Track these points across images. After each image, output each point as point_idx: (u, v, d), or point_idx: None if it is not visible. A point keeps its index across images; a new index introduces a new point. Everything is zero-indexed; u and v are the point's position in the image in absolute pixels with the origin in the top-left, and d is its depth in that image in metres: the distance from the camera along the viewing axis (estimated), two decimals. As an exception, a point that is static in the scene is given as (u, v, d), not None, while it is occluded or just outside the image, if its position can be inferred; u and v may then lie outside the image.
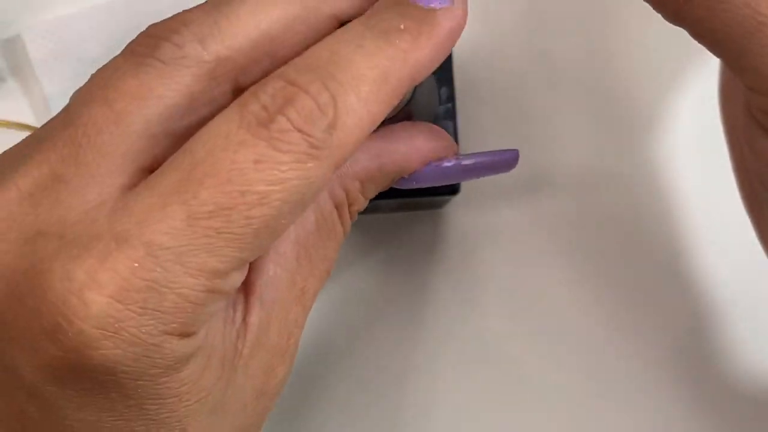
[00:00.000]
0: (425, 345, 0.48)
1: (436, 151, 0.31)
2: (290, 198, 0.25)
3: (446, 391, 0.48)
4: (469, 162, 0.32)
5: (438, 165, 0.31)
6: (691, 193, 0.49)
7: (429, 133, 0.31)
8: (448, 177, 0.31)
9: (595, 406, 0.48)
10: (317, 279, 0.29)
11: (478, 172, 0.31)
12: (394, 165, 0.30)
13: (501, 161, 0.32)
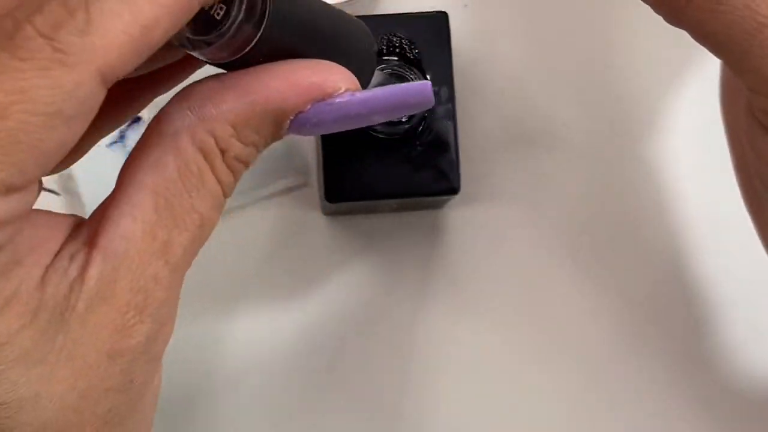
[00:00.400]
0: (425, 344, 0.48)
1: (321, 87, 0.28)
2: (38, 109, 0.23)
3: (446, 390, 0.48)
4: (365, 96, 0.28)
5: (329, 103, 0.28)
6: (691, 193, 0.49)
7: (314, 67, 0.28)
8: (348, 118, 0.28)
9: (594, 405, 0.48)
10: (185, 233, 0.27)
11: (382, 108, 0.28)
12: (268, 103, 0.27)
13: (407, 93, 0.28)
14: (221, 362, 0.48)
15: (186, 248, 0.27)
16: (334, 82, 0.28)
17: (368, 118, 0.29)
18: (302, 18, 0.29)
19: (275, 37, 0.28)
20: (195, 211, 0.27)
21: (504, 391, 0.48)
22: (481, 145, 0.48)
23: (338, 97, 0.28)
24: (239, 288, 0.48)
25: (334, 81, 0.28)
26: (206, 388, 0.47)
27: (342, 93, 0.28)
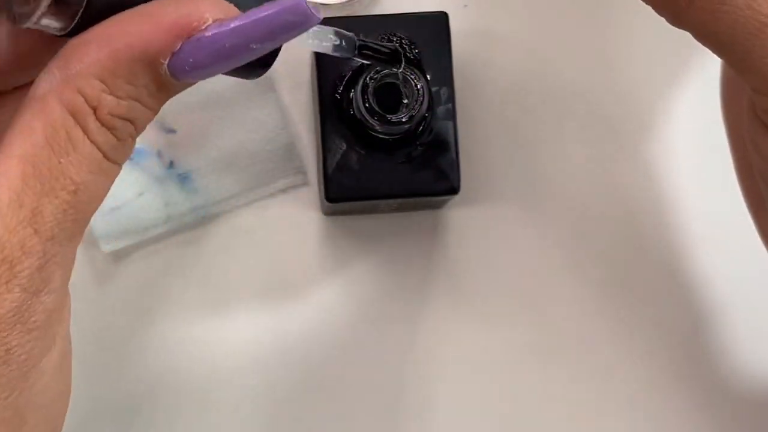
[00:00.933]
0: (424, 344, 0.48)
1: (185, 22, 0.26)
2: None
3: (446, 390, 0.48)
4: (234, 24, 0.26)
5: (199, 38, 0.26)
6: (692, 193, 0.49)
7: (178, 1, 0.26)
8: (225, 51, 0.26)
9: (594, 404, 0.48)
10: (55, 200, 0.26)
11: (258, 34, 0.26)
12: (132, 49, 0.25)
13: (279, 12, 0.26)
14: (220, 362, 0.48)
15: (58, 216, 0.26)
16: (199, 14, 0.26)
17: (249, 48, 0.26)
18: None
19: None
20: (65, 177, 0.26)
21: (504, 390, 0.48)
22: (481, 145, 0.48)
23: (208, 30, 0.26)
24: (239, 288, 0.48)
25: (200, 13, 0.26)
26: (205, 387, 0.47)
27: (210, 25, 0.26)
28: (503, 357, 0.48)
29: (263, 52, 0.26)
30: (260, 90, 0.48)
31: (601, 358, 0.48)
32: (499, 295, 0.48)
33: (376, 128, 0.42)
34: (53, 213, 0.26)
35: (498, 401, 0.48)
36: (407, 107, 0.41)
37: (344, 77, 0.43)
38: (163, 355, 0.47)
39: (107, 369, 0.47)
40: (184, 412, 0.47)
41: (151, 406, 0.47)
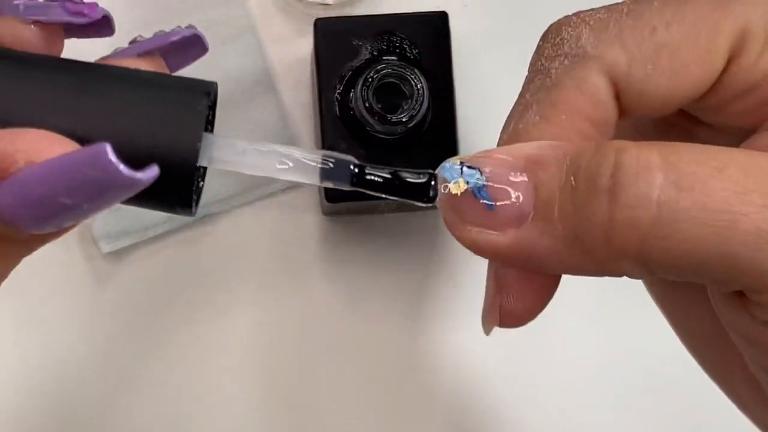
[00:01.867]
0: (424, 344, 0.48)
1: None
2: None
3: (445, 390, 0.48)
4: (34, 170, 0.21)
5: (10, 182, 0.22)
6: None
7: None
8: (35, 202, 0.22)
9: (592, 402, 0.48)
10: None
11: (63, 189, 0.22)
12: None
13: (77, 163, 0.21)
14: (220, 361, 0.48)
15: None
16: (10, 154, 0.22)
17: (60, 203, 0.22)
18: (8, 80, 0.23)
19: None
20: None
21: (504, 391, 0.48)
22: (481, 144, 0.48)
23: (19, 173, 0.22)
24: (239, 288, 0.48)
25: (13, 151, 0.22)
26: (204, 386, 0.47)
27: (23, 168, 0.22)
28: (503, 356, 0.48)
29: (90, 211, 0.22)
30: (260, 90, 0.48)
31: (601, 357, 0.48)
32: (499, 295, 0.48)
33: (376, 128, 0.42)
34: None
35: (499, 401, 0.48)
36: (407, 107, 0.41)
37: (344, 77, 0.43)
38: (163, 354, 0.47)
39: (106, 368, 0.47)
40: (183, 412, 0.47)
41: (149, 406, 0.47)
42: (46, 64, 0.24)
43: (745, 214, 0.24)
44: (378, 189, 0.27)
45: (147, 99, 0.24)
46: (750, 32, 0.27)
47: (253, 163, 0.25)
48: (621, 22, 0.28)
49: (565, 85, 0.27)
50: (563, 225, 0.26)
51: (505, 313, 0.29)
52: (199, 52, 0.27)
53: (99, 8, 0.25)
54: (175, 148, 0.23)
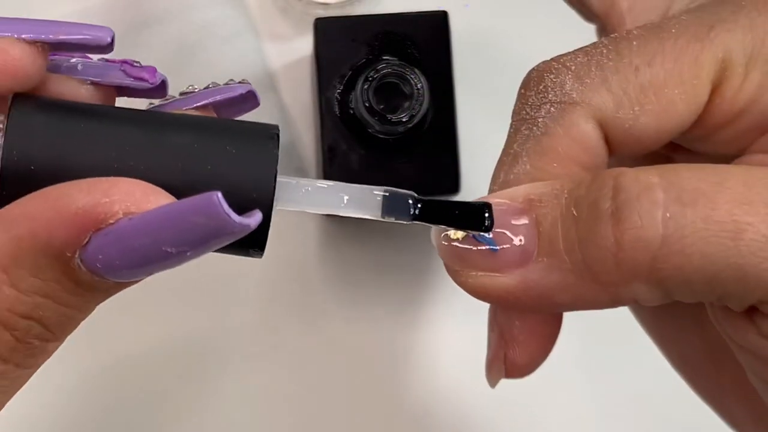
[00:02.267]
0: (424, 344, 0.48)
1: (93, 211, 0.22)
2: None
3: (445, 390, 0.48)
4: (139, 221, 0.22)
5: (107, 233, 0.22)
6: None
7: (89, 187, 0.22)
8: (136, 252, 0.22)
9: (596, 404, 0.48)
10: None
11: (168, 238, 0.22)
12: (35, 238, 0.22)
13: (186, 212, 0.22)
14: (219, 361, 0.48)
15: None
16: (107, 204, 0.22)
17: (164, 252, 0.22)
18: (77, 128, 0.24)
19: (36, 158, 0.23)
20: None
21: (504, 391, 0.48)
22: (481, 144, 0.48)
23: (117, 225, 0.22)
24: (238, 288, 0.48)
25: (109, 203, 0.22)
26: (203, 386, 0.47)
27: (120, 218, 0.22)
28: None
29: (194, 257, 0.22)
30: (260, 90, 0.48)
31: (604, 356, 0.48)
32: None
33: (376, 128, 0.42)
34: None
35: (499, 401, 0.48)
36: (407, 107, 0.41)
37: (344, 77, 0.43)
38: (162, 354, 0.47)
39: (105, 369, 0.47)
40: (182, 412, 0.47)
41: (148, 405, 0.47)
42: (116, 114, 0.25)
43: (751, 223, 0.24)
44: (438, 221, 0.27)
45: (220, 145, 0.24)
46: (730, 60, 0.27)
47: (317, 201, 0.26)
48: (603, 65, 0.27)
49: (555, 133, 0.27)
50: (570, 257, 0.25)
51: (511, 364, 0.29)
52: (251, 106, 0.27)
53: (158, 73, 0.25)
54: (252, 192, 0.24)
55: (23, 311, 0.22)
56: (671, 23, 0.28)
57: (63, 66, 0.25)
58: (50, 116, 0.24)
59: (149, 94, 0.26)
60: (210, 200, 0.21)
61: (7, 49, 0.23)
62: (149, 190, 0.22)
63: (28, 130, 0.23)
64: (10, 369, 0.23)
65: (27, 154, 0.23)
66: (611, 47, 0.28)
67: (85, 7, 0.47)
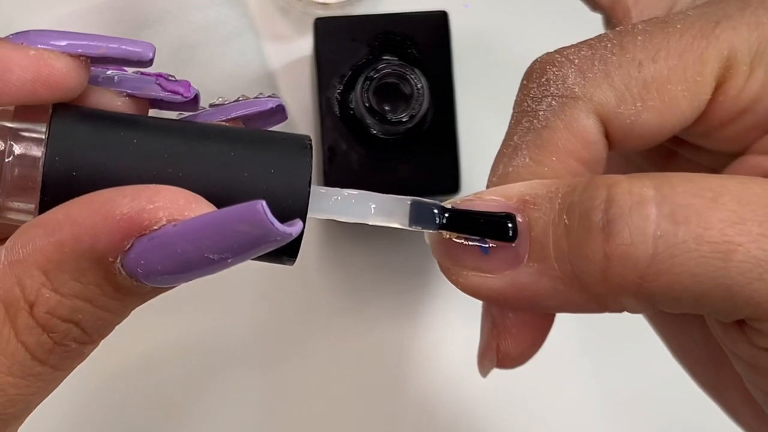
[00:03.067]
0: (424, 344, 0.48)
1: (135, 217, 0.22)
2: None
3: (446, 390, 0.48)
4: (184, 227, 0.22)
5: (151, 237, 0.22)
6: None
7: (133, 193, 0.22)
8: (178, 257, 0.22)
9: (596, 403, 0.48)
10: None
11: (212, 245, 0.22)
12: (78, 242, 0.22)
13: (231, 221, 0.22)
14: (218, 361, 0.48)
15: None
16: (152, 211, 0.22)
17: (206, 258, 0.22)
18: (116, 137, 0.24)
19: (77, 165, 0.24)
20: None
21: (504, 391, 0.48)
22: (481, 144, 0.48)
23: (161, 231, 0.22)
24: (237, 288, 0.48)
25: (153, 209, 0.22)
26: (202, 387, 0.47)
27: (164, 224, 0.22)
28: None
29: (234, 263, 0.23)
30: (260, 90, 0.48)
31: (604, 356, 0.48)
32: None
33: (376, 128, 0.42)
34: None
35: (499, 402, 0.48)
36: (407, 107, 0.41)
37: (344, 77, 0.43)
38: (161, 354, 0.47)
39: (103, 369, 0.47)
40: (181, 412, 0.47)
41: (149, 408, 0.47)
42: (154, 123, 0.25)
43: (742, 244, 0.24)
44: (464, 230, 0.27)
45: (255, 154, 0.25)
46: (735, 58, 0.27)
47: (347, 210, 0.26)
48: (606, 59, 0.27)
49: (555, 126, 0.27)
50: (559, 265, 0.25)
51: (503, 355, 0.29)
52: (279, 119, 0.27)
53: (192, 88, 0.26)
54: (288, 201, 0.25)
55: (63, 314, 0.23)
56: (677, 18, 0.28)
57: (100, 78, 0.26)
58: (90, 125, 0.24)
59: (182, 107, 0.26)
60: (254, 209, 0.22)
61: (53, 62, 0.24)
62: (192, 198, 0.23)
63: (70, 138, 0.24)
64: (46, 371, 0.23)
65: (69, 160, 0.24)
66: (615, 41, 0.28)
67: (86, 6, 0.47)
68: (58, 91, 0.24)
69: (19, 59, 0.23)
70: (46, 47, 0.24)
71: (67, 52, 0.24)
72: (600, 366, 0.49)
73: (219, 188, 0.24)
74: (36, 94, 0.24)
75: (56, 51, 0.24)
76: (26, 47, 0.24)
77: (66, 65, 0.24)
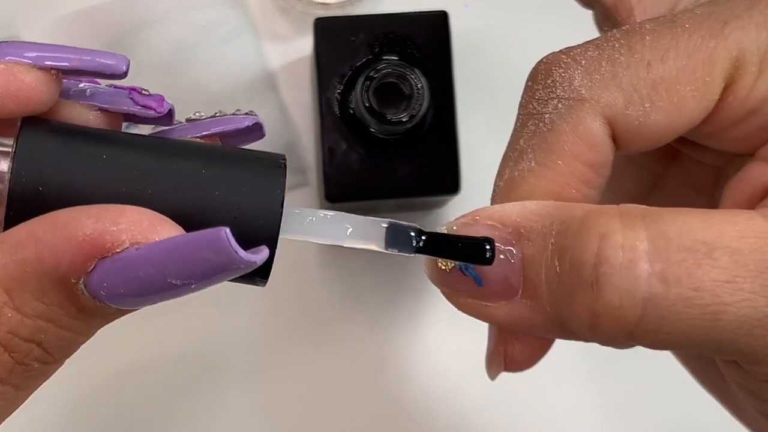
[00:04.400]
0: (424, 344, 0.48)
1: (100, 239, 0.22)
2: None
3: (446, 391, 0.48)
4: (145, 251, 0.22)
5: (114, 260, 0.22)
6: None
7: (98, 213, 0.22)
8: (141, 281, 0.22)
9: (596, 404, 0.48)
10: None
11: (174, 270, 0.22)
12: (40, 262, 0.22)
13: (193, 247, 0.22)
14: (217, 361, 0.48)
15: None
16: (114, 233, 0.22)
17: (168, 283, 0.22)
18: (85, 153, 0.24)
19: (44, 181, 0.23)
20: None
21: (505, 392, 0.48)
22: (481, 145, 0.48)
23: (123, 253, 0.22)
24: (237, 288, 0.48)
25: (116, 232, 0.22)
26: (201, 387, 0.47)
27: (127, 247, 0.22)
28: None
29: (198, 289, 0.22)
30: (260, 90, 0.48)
31: (604, 357, 0.48)
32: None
33: (376, 128, 0.42)
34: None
35: (499, 402, 0.48)
36: (407, 107, 0.41)
37: (344, 77, 0.43)
38: (161, 354, 0.47)
39: (102, 370, 0.47)
40: (180, 412, 0.47)
41: (145, 413, 0.47)
42: (124, 139, 0.25)
43: (732, 304, 0.24)
44: (441, 254, 0.27)
45: (227, 173, 0.24)
46: (744, 59, 0.27)
47: (322, 231, 0.26)
48: (614, 60, 0.27)
49: (561, 130, 0.27)
50: (551, 308, 0.26)
51: (510, 359, 0.29)
52: (256, 137, 0.27)
53: (165, 102, 0.26)
54: (260, 221, 0.24)
55: (24, 334, 0.22)
56: (685, 17, 0.27)
57: (71, 90, 0.25)
58: (59, 140, 0.24)
59: (156, 122, 0.26)
60: (218, 236, 0.21)
61: (22, 76, 0.23)
62: (156, 220, 0.22)
63: (37, 153, 0.23)
64: (8, 390, 0.23)
65: (35, 176, 0.23)
66: (623, 41, 0.27)
67: (86, 6, 0.47)
68: (27, 106, 0.23)
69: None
70: (16, 59, 0.23)
71: (37, 65, 0.23)
72: (600, 365, 0.49)
73: (189, 207, 0.24)
74: (4, 108, 0.23)
75: (26, 64, 0.23)
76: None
77: (36, 79, 0.23)
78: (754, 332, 0.24)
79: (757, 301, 0.24)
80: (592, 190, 0.27)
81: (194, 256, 0.22)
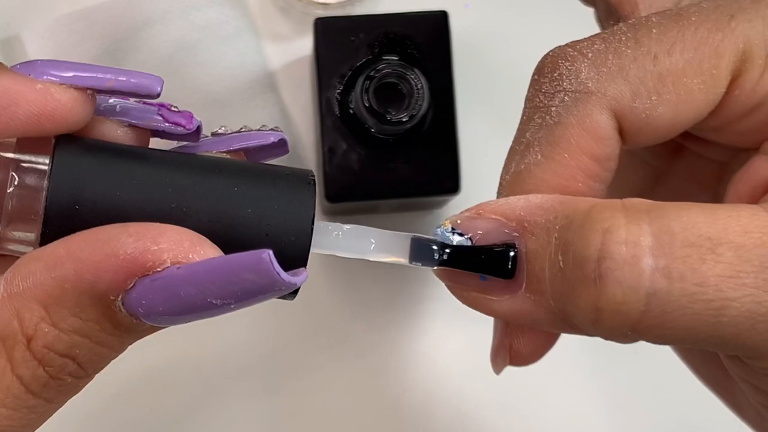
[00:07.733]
0: (424, 345, 0.48)
1: (141, 258, 0.22)
2: None
3: (446, 391, 0.48)
4: (188, 271, 0.22)
5: (154, 279, 0.22)
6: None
7: (139, 232, 0.22)
8: (180, 300, 0.22)
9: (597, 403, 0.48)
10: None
11: (215, 291, 0.22)
12: (80, 279, 0.22)
13: (236, 269, 0.22)
14: (217, 362, 0.48)
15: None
16: (156, 252, 0.22)
17: (209, 303, 0.22)
18: (120, 171, 0.24)
19: (80, 198, 0.23)
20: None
21: (505, 392, 0.48)
22: (481, 144, 0.48)
23: (164, 273, 0.22)
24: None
25: (158, 251, 0.22)
26: (200, 389, 0.47)
27: (168, 267, 0.22)
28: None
29: (237, 309, 0.22)
30: (260, 90, 0.48)
31: (607, 354, 0.48)
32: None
33: (376, 128, 0.42)
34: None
35: (499, 403, 0.48)
36: (407, 107, 0.41)
37: (344, 77, 0.43)
38: (160, 354, 0.47)
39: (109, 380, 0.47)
40: (180, 413, 0.47)
41: (150, 423, 0.47)
42: (158, 156, 0.25)
43: (736, 299, 0.24)
44: (464, 267, 0.27)
45: (259, 190, 0.25)
46: (751, 52, 0.27)
47: (347, 246, 0.27)
48: (621, 53, 0.27)
49: (568, 123, 0.27)
50: (554, 303, 0.26)
51: (515, 353, 0.29)
52: (281, 153, 0.27)
53: (194, 119, 0.26)
54: (291, 238, 0.25)
55: (60, 349, 0.23)
56: (691, 11, 0.27)
57: (102, 106, 0.25)
58: (94, 158, 0.24)
59: (184, 138, 0.26)
60: (261, 258, 0.22)
61: (59, 96, 0.24)
62: (197, 240, 0.23)
63: (73, 171, 0.24)
64: (40, 404, 0.23)
65: (71, 193, 0.24)
66: (630, 34, 0.27)
67: (86, 6, 0.47)
68: (62, 125, 0.24)
69: (26, 93, 0.23)
70: (52, 79, 0.24)
71: (74, 85, 0.24)
72: (600, 365, 0.49)
73: (222, 224, 0.24)
74: (41, 127, 0.23)
75: (63, 84, 0.24)
76: (33, 80, 0.23)
77: (72, 99, 0.24)
78: (758, 327, 0.24)
79: (760, 297, 0.24)
80: (598, 183, 0.27)
81: (237, 277, 0.22)
